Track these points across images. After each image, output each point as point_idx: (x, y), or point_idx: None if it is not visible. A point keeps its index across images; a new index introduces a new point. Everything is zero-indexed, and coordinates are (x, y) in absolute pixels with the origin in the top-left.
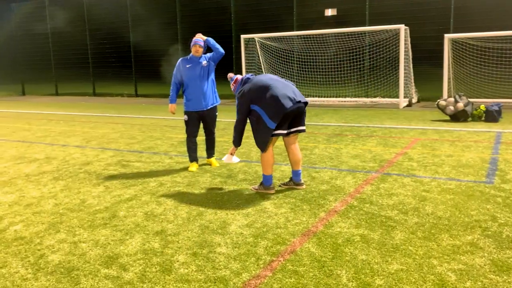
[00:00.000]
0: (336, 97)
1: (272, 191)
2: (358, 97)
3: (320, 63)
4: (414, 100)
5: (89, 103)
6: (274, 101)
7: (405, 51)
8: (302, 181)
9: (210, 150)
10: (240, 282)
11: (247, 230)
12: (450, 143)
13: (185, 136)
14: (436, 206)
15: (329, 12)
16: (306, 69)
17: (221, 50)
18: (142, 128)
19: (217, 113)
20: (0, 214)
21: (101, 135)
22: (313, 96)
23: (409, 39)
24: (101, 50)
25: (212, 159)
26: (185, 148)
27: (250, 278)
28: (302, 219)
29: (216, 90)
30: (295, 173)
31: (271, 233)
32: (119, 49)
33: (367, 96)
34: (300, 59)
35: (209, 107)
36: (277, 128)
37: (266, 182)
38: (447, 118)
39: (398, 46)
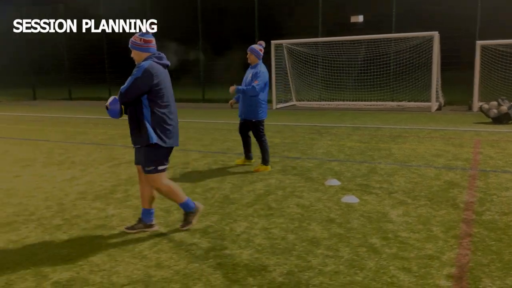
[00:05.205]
0: (362, 101)
1: (157, 228)
2: (384, 101)
3: (346, 68)
4: (442, 104)
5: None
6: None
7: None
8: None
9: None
10: (449, 258)
11: (407, 218)
12: None
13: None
14: None
15: (359, 18)
16: (332, 74)
17: (249, 92)
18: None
19: None
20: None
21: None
22: (339, 100)
23: (439, 45)
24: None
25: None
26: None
27: (456, 255)
28: (449, 209)
29: None
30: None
31: (434, 220)
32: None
33: (393, 100)
34: (325, 64)
35: None
36: None
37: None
38: (489, 120)
39: (429, 51)
